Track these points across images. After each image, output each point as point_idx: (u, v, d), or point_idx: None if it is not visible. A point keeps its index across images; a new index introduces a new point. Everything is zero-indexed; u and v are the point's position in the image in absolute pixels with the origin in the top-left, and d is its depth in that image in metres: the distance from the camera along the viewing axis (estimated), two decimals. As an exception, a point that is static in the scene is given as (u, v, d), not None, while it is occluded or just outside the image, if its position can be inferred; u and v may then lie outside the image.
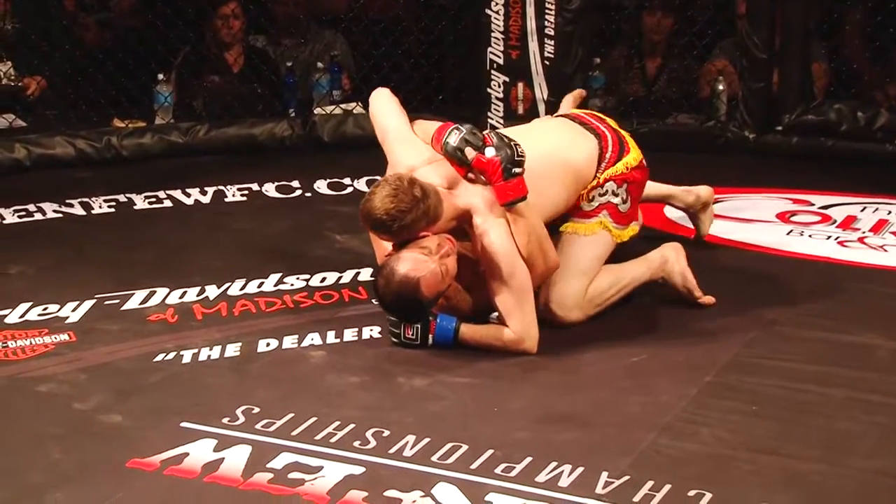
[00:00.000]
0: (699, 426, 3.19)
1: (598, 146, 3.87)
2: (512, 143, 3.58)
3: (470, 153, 3.59)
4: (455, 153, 3.62)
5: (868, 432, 3.17)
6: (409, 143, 3.79)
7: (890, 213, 4.93)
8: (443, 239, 3.58)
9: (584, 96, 4.81)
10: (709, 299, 3.95)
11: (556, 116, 4.19)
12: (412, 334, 3.63)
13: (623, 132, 3.99)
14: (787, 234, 4.73)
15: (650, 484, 2.89)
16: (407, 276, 3.52)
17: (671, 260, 3.96)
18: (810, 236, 4.70)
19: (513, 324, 3.61)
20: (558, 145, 3.85)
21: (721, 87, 6.09)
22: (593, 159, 3.85)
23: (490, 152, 3.57)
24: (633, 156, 3.90)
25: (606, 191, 3.84)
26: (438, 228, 3.61)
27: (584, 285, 3.80)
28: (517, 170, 3.55)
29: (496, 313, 3.66)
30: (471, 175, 3.65)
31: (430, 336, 3.62)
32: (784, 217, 4.92)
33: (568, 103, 4.80)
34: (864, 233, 4.72)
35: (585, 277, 3.80)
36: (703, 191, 4.46)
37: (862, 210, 4.98)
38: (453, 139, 3.63)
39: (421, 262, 3.53)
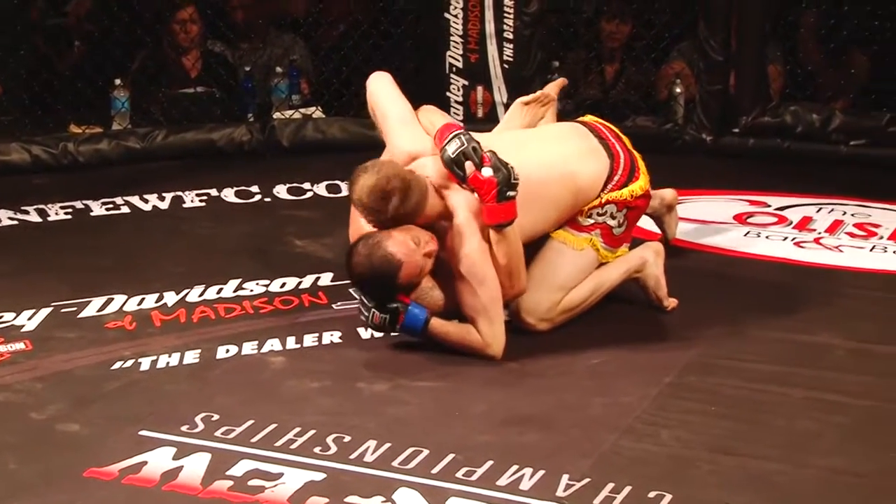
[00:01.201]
0: (660, 427, 3.20)
1: (609, 167, 3.79)
2: (508, 165, 3.51)
3: (468, 168, 3.52)
4: (451, 166, 3.56)
5: (827, 431, 3.19)
6: (411, 129, 3.76)
7: (845, 213, 4.97)
8: (430, 237, 3.59)
9: (566, 84, 4.62)
10: (672, 303, 3.94)
11: (574, 122, 4.04)
12: (380, 323, 3.60)
13: (636, 154, 3.92)
14: (745, 235, 4.76)
15: (611, 486, 2.89)
16: (393, 255, 3.52)
17: (650, 262, 3.92)
18: (767, 237, 4.72)
19: (482, 328, 3.60)
20: (563, 157, 3.77)
21: (678, 90, 6.12)
22: (600, 180, 3.78)
23: (487, 172, 3.50)
24: (640, 184, 3.83)
25: (606, 212, 3.78)
26: (420, 222, 3.60)
27: (557, 299, 3.76)
28: (511, 193, 3.50)
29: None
30: (465, 186, 3.58)
31: (399, 324, 3.59)
32: (741, 218, 4.95)
33: (551, 89, 4.52)
34: (819, 233, 4.75)
35: (561, 292, 3.77)
36: (668, 193, 4.44)
37: (818, 211, 5.02)
38: (452, 148, 3.56)
39: (409, 248, 3.54)
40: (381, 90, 3.91)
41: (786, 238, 4.71)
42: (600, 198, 3.78)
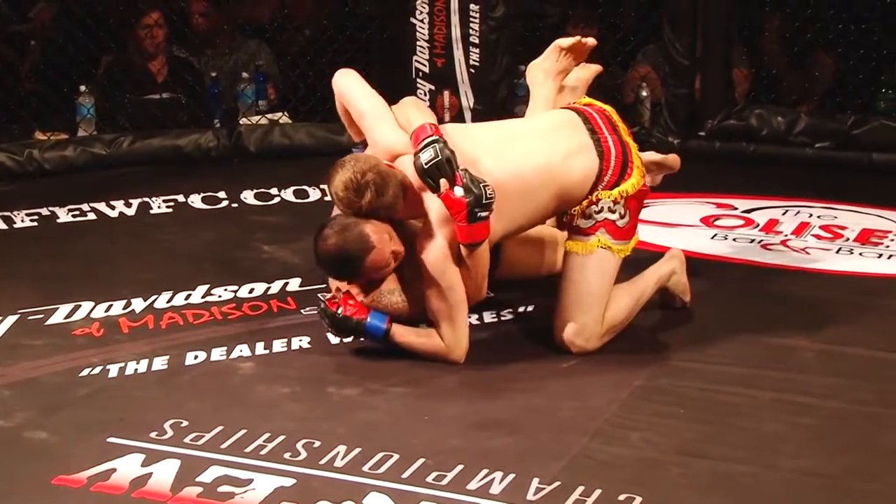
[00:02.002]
0: (629, 430, 3.21)
1: (599, 167, 3.68)
2: (482, 185, 3.45)
3: (442, 184, 3.48)
4: (424, 177, 3.50)
5: (794, 433, 3.21)
6: (390, 125, 3.68)
7: (811, 216, 5.00)
8: (400, 246, 3.59)
9: (600, 72, 4.41)
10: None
11: (569, 109, 3.85)
12: (341, 324, 3.61)
13: (632, 145, 3.77)
14: (712, 237, 4.78)
15: (581, 489, 2.90)
16: (368, 236, 3.53)
17: (678, 272, 3.96)
18: (734, 240, 4.74)
19: (444, 333, 3.60)
20: (549, 158, 3.66)
21: (645, 94, 6.15)
22: (587, 180, 3.67)
23: (458, 192, 3.44)
24: (633, 182, 3.70)
25: (602, 208, 3.68)
26: (396, 216, 3.60)
27: (599, 314, 3.68)
28: (483, 214, 3.45)
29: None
30: (438, 195, 3.52)
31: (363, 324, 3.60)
32: (708, 221, 4.97)
33: (583, 78, 4.33)
34: (786, 235, 4.77)
35: (600, 306, 3.68)
36: (670, 159, 4.44)
37: (784, 213, 5.04)
38: (426, 158, 3.49)
39: (383, 238, 3.55)
40: (351, 87, 3.80)
41: (753, 240, 4.73)
42: (589, 198, 3.69)
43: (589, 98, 3.99)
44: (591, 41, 4.18)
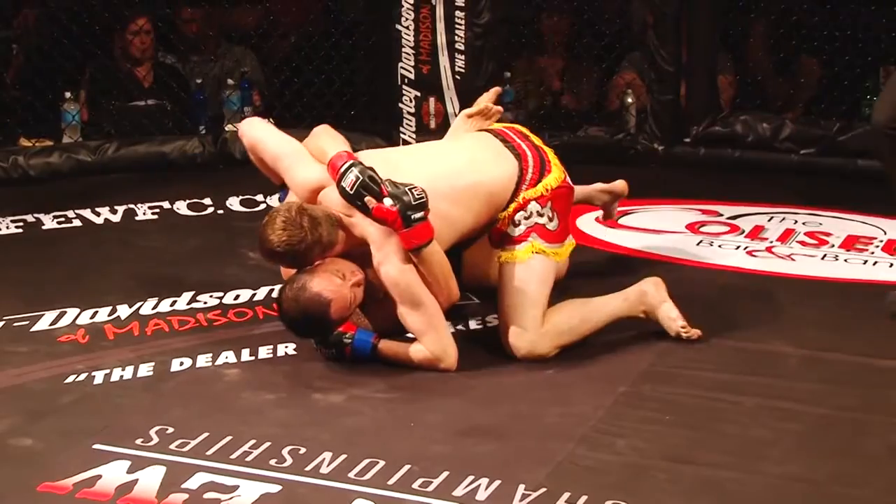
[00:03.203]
0: (615, 436, 3.21)
1: (518, 167, 3.74)
2: (409, 188, 3.48)
3: (370, 203, 3.49)
4: (353, 201, 3.52)
5: (780, 439, 3.22)
6: (305, 162, 3.71)
7: (796, 222, 5.01)
8: (355, 268, 3.58)
9: (499, 93, 4.42)
10: (695, 333, 3.79)
11: (480, 131, 4.00)
12: (328, 355, 3.64)
13: (547, 149, 3.86)
14: (697, 244, 4.78)
15: (567, 495, 2.90)
16: (320, 294, 3.51)
17: (650, 293, 3.82)
18: (720, 246, 4.75)
19: (429, 344, 3.59)
20: (470, 164, 3.74)
21: (630, 100, 6.16)
22: (511, 181, 3.73)
23: (388, 202, 3.46)
24: (555, 175, 3.77)
25: (531, 212, 3.72)
26: (335, 254, 3.60)
27: (537, 315, 3.68)
28: (418, 215, 3.47)
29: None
30: (371, 217, 3.53)
31: (347, 351, 3.61)
32: (693, 228, 4.98)
33: (484, 101, 4.33)
34: (771, 242, 4.79)
35: (535, 308, 3.68)
36: (618, 185, 4.42)
37: (769, 220, 5.06)
38: (348, 182, 3.52)
39: (335, 284, 3.53)
40: (260, 135, 3.86)
41: (738, 247, 4.74)
42: (516, 200, 3.73)
43: (497, 124, 4.06)
44: (497, 108, 4.15)
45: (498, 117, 4.15)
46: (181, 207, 5.34)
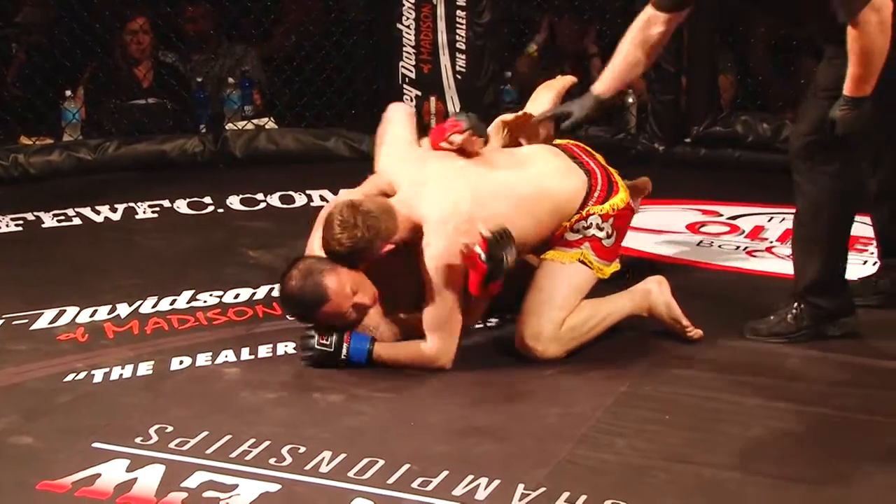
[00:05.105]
0: (615, 436, 3.21)
1: (588, 184, 3.74)
2: (506, 260, 3.45)
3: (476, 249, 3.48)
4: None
5: (780, 439, 3.22)
6: (396, 151, 3.82)
7: (797, 222, 5.00)
8: (372, 295, 3.59)
9: (573, 83, 4.31)
10: (697, 333, 3.81)
11: (551, 145, 3.94)
12: (326, 341, 3.60)
13: (612, 170, 3.87)
14: (698, 244, 4.79)
15: (566, 495, 2.90)
16: (326, 289, 3.53)
17: (654, 292, 3.83)
18: (720, 247, 4.75)
19: (433, 339, 3.59)
20: (542, 177, 3.73)
21: (631, 100, 6.16)
22: (578, 196, 3.72)
23: (482, 255, 3.45)
24: (621, 197, 3.78)
25: (591, 224, 3.72)
26: (399, 240, 3.61)
27: (559, 318, 3.68)
28: (495, 282, 3.50)
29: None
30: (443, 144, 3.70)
31: (345, 348, 3.59)
32: (694, 228, 4.98)
33: (552, 91, 4.27)
34: (771, 242, 4.79)
35: (561, 311, 3.68)
36: (639, 182, 4.43)
37: (769, 220, 5.06)
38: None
39: (343, 291, 3.54)
40: (390, 115, 3.98)
41: (738, 247, 4.75)
42: (580, 213, 3.73)
43: (562, 139, 4.02)
44: (533, 114, 4.08)
45: (539, 123, 4.05)
46: (181, 206, 5.34)
